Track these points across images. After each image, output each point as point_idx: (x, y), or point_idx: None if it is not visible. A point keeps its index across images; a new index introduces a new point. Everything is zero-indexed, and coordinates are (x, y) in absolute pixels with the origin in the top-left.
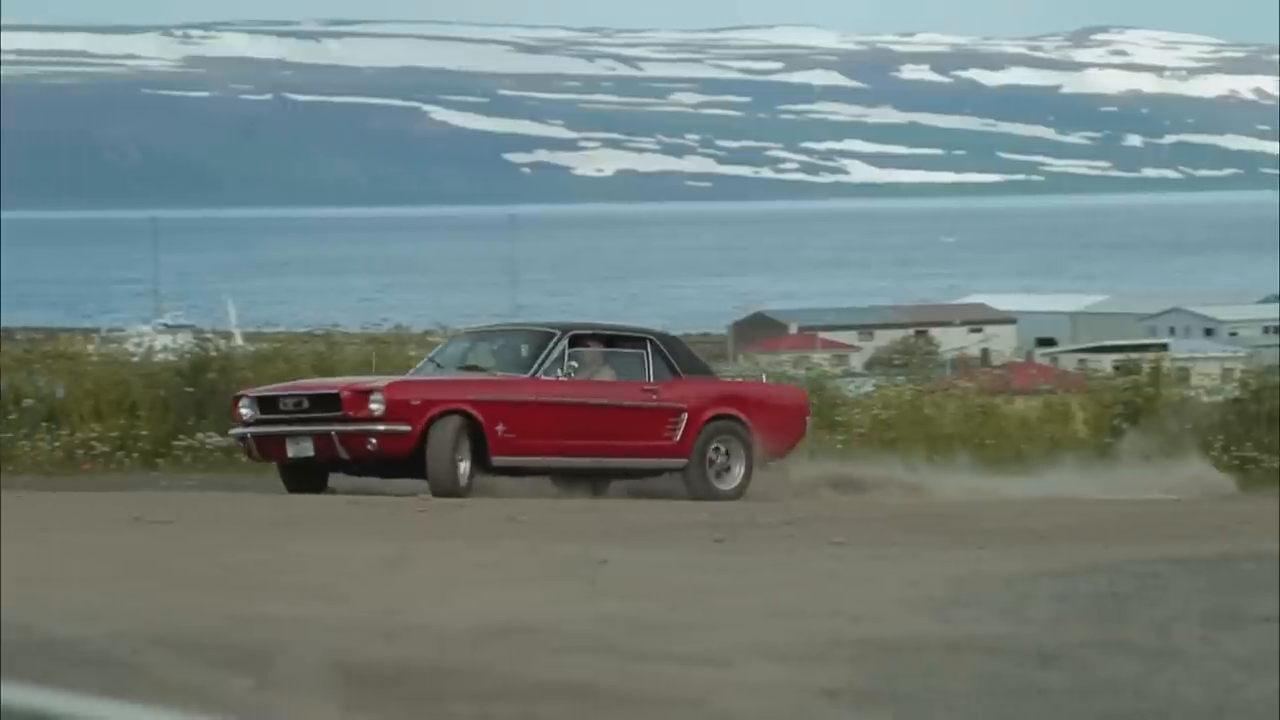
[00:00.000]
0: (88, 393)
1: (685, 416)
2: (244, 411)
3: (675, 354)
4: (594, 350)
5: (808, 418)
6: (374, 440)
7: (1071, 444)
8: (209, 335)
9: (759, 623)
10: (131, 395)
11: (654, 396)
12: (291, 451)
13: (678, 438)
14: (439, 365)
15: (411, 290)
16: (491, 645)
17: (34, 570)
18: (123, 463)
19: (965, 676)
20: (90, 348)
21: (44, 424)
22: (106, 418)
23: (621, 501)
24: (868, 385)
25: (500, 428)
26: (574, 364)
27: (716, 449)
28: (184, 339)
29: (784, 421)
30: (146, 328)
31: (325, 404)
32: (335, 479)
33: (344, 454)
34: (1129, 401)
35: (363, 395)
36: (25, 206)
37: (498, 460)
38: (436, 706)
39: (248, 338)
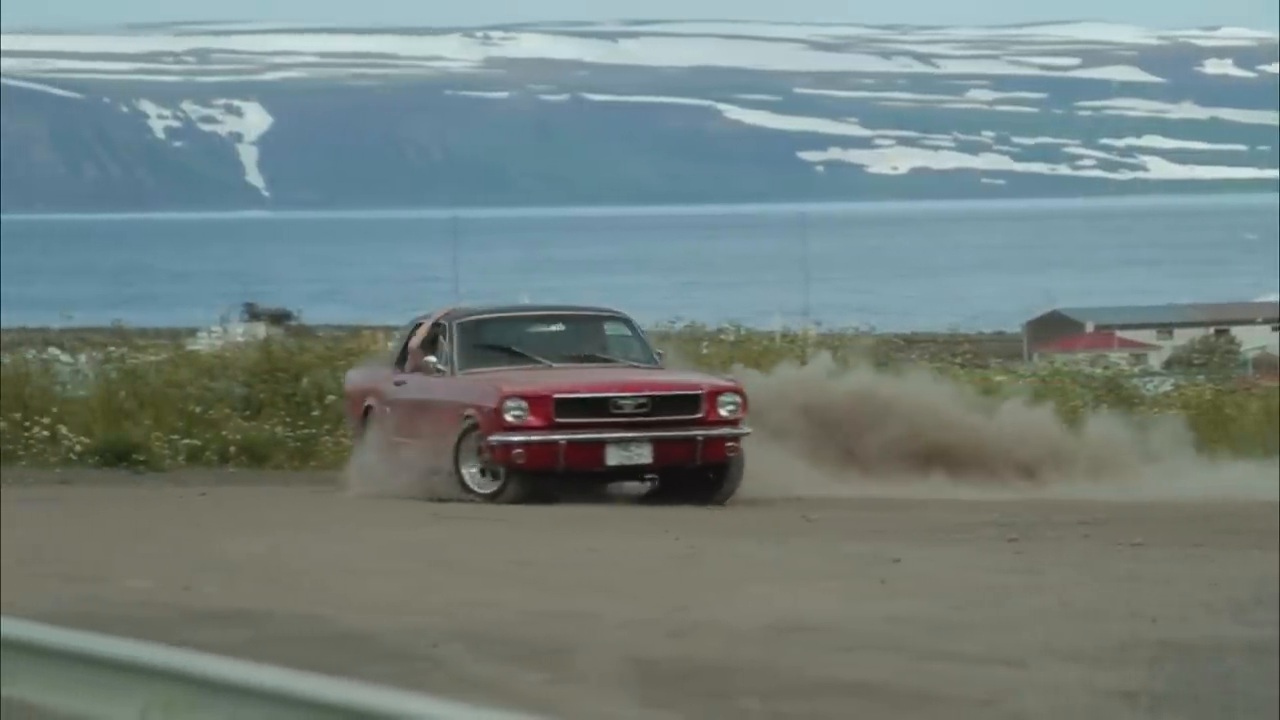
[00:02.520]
0: None
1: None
2: (517, 414)
3: None
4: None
5: None
6: (733, 443)
7: None
8: None
9: (1054, 623)
10: None
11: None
12: (614, 459)
13: None
14: (522, 354)
15: (705, 289)
16: (781, 643)
17: (336, 564)
18: None
19: (1266, 680)
20: (391, 345)
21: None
22: None
23: (915, 500)
24: (1166, 385)
25: None
26: (660, 352)
27: None
28: None
29: None
30: None
31: (672, 406)
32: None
33: (699, 460)
34: None
35: (715, 395)
36: (334, 206)
37: None
38: (727, 703)
39: None
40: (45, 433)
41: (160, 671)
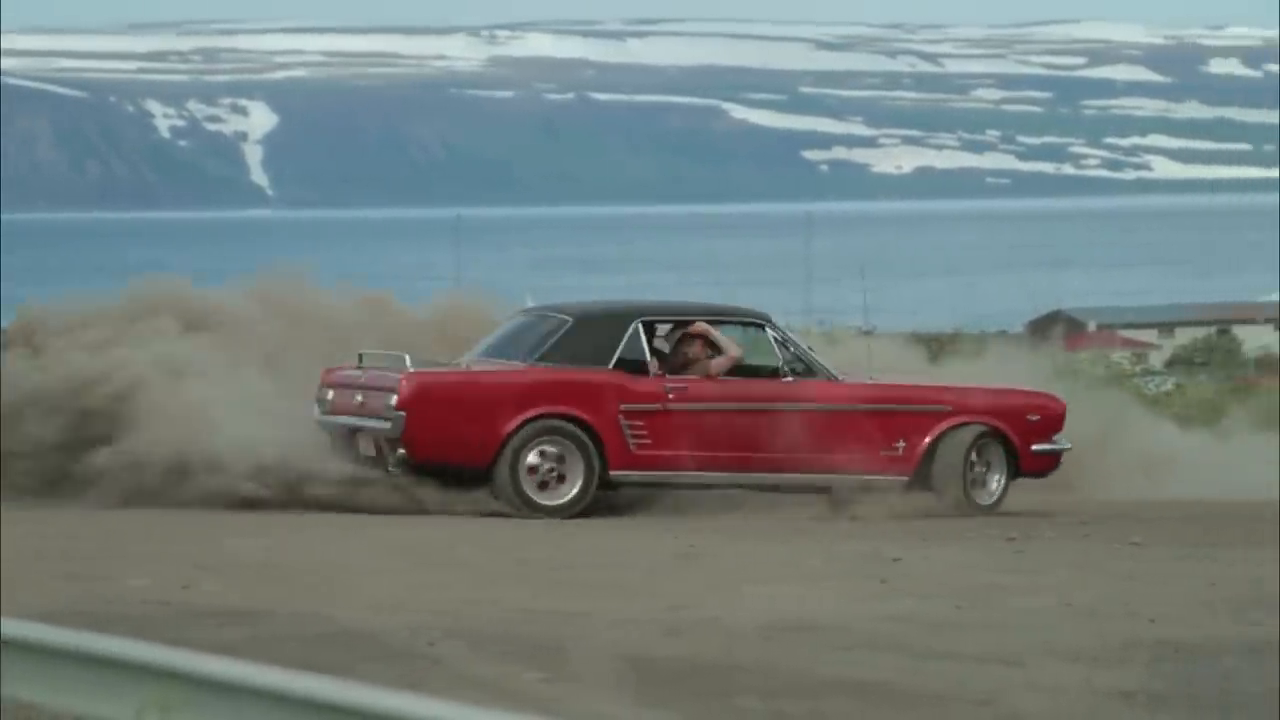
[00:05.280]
0: None
1: None
2: None
3: None
4: None
5: None
6: None
7: None
8: None
9: (1052, 623)
10: None
11: None
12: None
13: None
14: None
15: (709, 288)
16: (781, 642)
17: (335, 563)
18: None
19: (1266, 680)
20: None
21: None
22: None
23: (917, 502)
24: (1168, 384)
25: None
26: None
27: None
28: None
29: None
30: None
31: None
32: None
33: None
34: None
35: None
36: (339, 205)
37: None
38: (726, 702)
39: None
40: None
41: (156, 670)
